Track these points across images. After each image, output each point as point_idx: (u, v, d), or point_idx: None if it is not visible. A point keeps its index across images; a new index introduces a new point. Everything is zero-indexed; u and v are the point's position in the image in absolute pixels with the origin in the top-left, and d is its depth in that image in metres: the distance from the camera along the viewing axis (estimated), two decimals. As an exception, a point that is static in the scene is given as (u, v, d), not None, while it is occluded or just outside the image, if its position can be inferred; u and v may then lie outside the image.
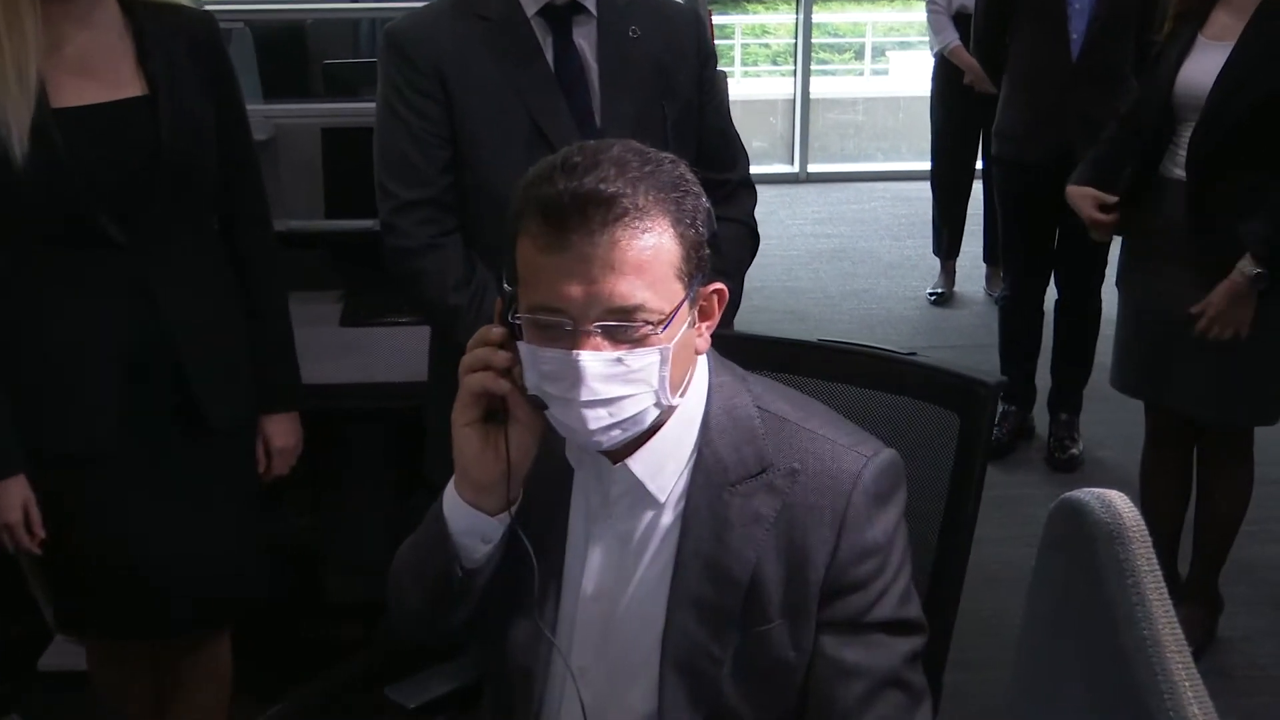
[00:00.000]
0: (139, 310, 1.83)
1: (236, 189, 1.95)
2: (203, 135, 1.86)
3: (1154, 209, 2.64)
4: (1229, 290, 2.50)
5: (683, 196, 1.19)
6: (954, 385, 1.47)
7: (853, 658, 1.25)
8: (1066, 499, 0.84)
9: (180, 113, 1.82)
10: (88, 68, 1.78)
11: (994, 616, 2.46)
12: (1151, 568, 0.78)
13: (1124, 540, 0.79)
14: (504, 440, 1.23)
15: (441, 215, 1.86)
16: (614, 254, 1.14)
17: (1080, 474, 3.69)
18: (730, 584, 1.25)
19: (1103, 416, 3.80)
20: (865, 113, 8.03)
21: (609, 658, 1.30)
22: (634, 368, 1.17)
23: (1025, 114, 3.58)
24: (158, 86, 1.81)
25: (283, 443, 2.04)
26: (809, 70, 7.12)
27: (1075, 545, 0.82)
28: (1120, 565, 0.78)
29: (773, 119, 7.38)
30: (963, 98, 4.61)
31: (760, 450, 1.27)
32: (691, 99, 1.93)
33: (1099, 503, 0.81)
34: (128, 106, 1.80)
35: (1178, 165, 2.58)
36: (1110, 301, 3.03)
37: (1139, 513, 0.81)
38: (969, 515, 1.45)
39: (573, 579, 1.31)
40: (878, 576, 1.26)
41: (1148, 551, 0.79)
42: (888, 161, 7.50)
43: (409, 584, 1.35)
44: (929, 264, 5.32)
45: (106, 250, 1.79)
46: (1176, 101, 2.56)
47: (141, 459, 1.87)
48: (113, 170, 1.77)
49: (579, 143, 1.20)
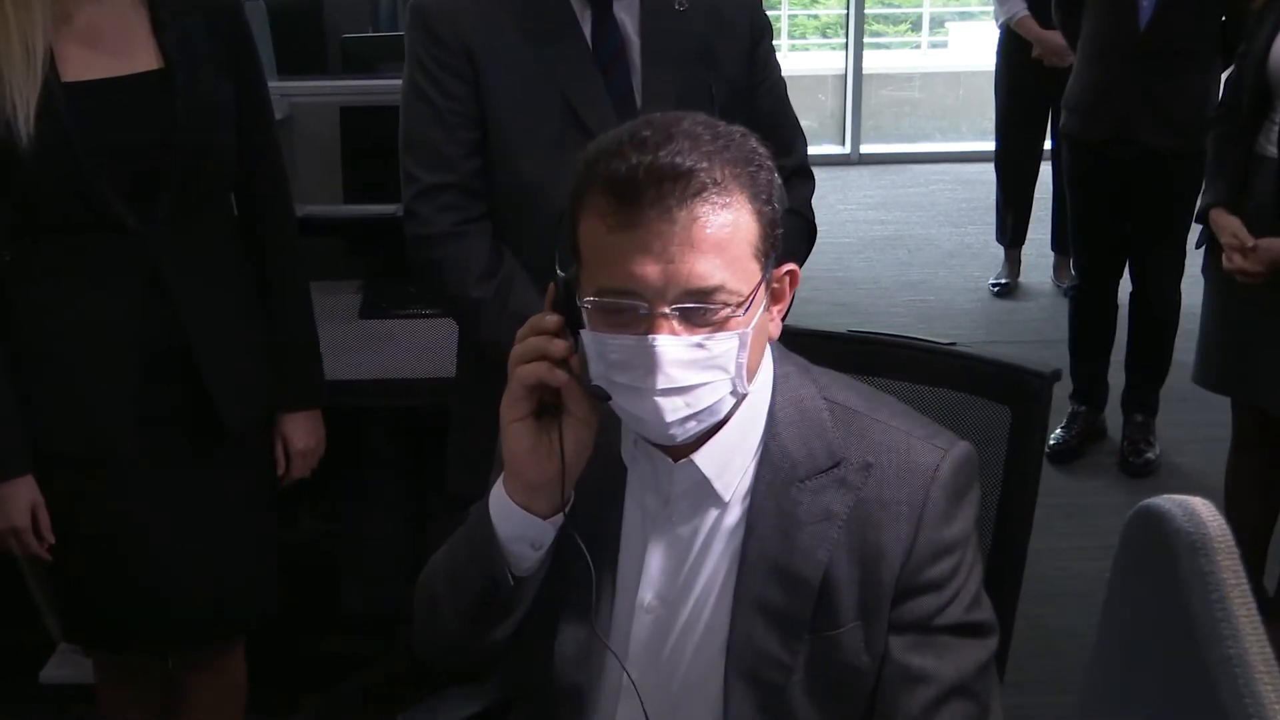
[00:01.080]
0: (151, 300, 1.84)
1: (257, 174, 1.97)
2: (221, 114, 1.87)
3: (1246, 189, 2.64)
4: None
5: (757, 171, 1.20)
6: (1005, 377, 1.47)
7: (920, 663, 1.25)
8: (1145, 506, 0.84)
9: (197, 89, 1.83)
10: (99, 40, 1.80)
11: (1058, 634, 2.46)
12: (1238, 581, 0.78)
13: (1208, 551, 0.78)
14: (558, 437, 1.23)
15: (466, 201, 1.86)
16: (693, 231, 1.14)
17: (1156, 480, 3.66)
18: (800, 587, 1.26)
19: (1181, 418, 3.77)
20: (922, 89, 7.99)
21: (667, 670, 1.31)
22: (713, 353, 1.17)
23: (1089, 87, 3.59)
24: (173, 61, 1.82)
25: (303, 444, 2.05)
26: (861, 43, 7.10)
27: (1154, 557, 0.82)
28: (1204, 578, 0.78)
29: (822, 96, 7.36)
30: (1030, 73, 4.59)
31: (830, 444, 1.28)
32: (742, 78, 1.92)
33: (1181, 510, 0.81)
34: (141, 81, 1.81)
35: (1271, 143, 2.59)
36: (1189, 294, 3.01)
37: (1224, 522, 0.81)
38: (1024, 518, 1.45)
39: (627, 586, 1.31)
40: (953, 577, 1.26)
41: (1234, 564, 0.78)
42: (947, 142, 7.47)
43: (444, 597, 1.34)
44: (992, 252, 5.29)
45: (118, 235, 1.80)
46: (1271, 76, 2.57)
47: (154, 460, 1.88)
48: (124, 148, 1.79)
49: (645, 116, 1.21)
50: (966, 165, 6.63)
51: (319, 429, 2.08)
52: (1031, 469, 1.45)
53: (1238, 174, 2.66)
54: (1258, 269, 2.57)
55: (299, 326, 2.04)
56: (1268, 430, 2.76)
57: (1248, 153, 2.64)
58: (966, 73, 7.74)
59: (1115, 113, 3.48)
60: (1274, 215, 2.56)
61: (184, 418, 1.90)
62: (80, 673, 2.44)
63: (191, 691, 2.14)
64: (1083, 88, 3.62)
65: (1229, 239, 2.63)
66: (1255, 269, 2.58)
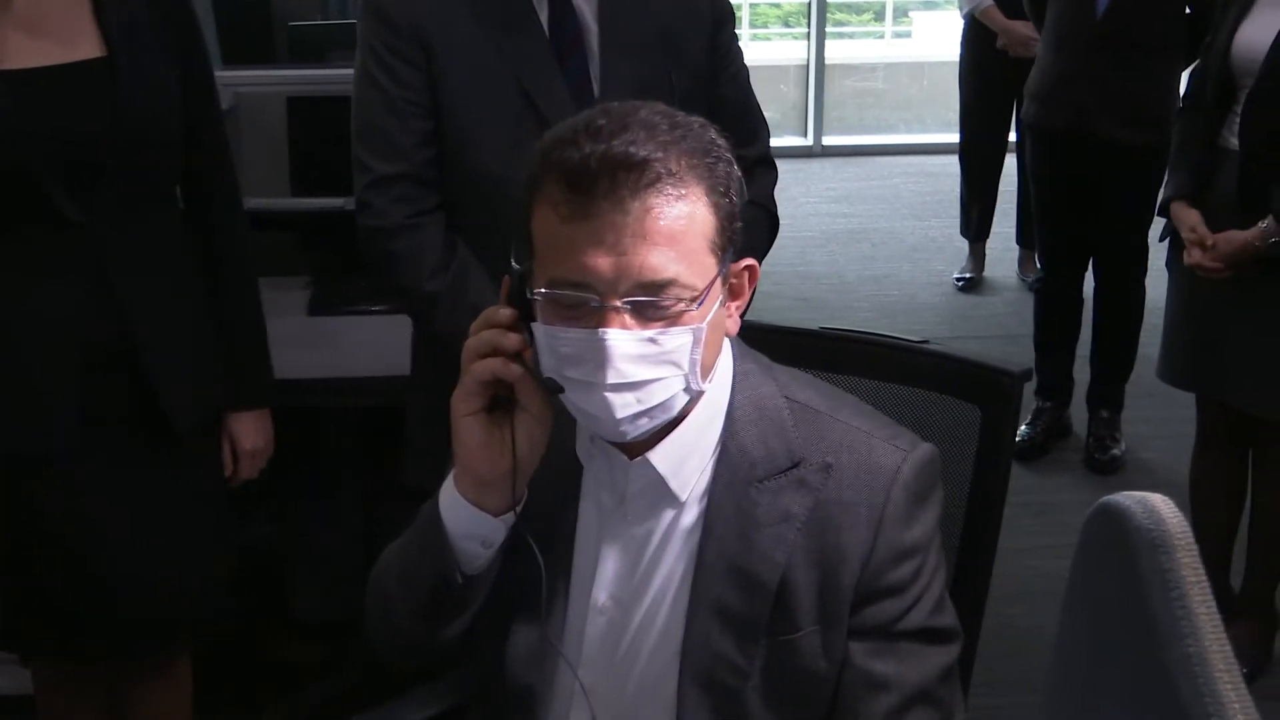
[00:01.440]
0: (95, 294, 1.82)
1: (204, 165, 1.96)
2: (165, 101, 1.86)
3: (1210, 181, 2.66)
4: (1243, 244, 2.53)
5: (715, 163, 1.20)
6: (974, 375, 1.48)
7: (882, 669, 1.26)
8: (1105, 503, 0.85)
9: (140, 77, 1.82)
10: (40, 27, 1.78)
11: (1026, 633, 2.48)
12: (1199, 579, 0.79)
13: (1168, 549, 0.79)
14: (510, 432, 1.24)
15: (420, 192, 1.86)
16: (646, 223, 1.14)
17: (1122, 477, 3.70)
18: (757, 589, 1.26)
19: (1147, 414, 3.81)
20: (886, 79, 8.03)
21: (621, 672, 1.31)
22: (666, 348, 1.17)
23: (1049, 75, 3.63)
24: (116, 48, 1.81)
25: (252, 444, 2.04)
26: (824, 32, 7.12)
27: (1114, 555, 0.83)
28: (1164, 576, 0.79)
29: (784, 86, 7.38)
30: (995, 63, 4.62)
31: (790, 444, 1.28)
32: (704, 66, 1.93)
33: (1140, 507, 0.82)
34: (83, 69, 1.80)
35: (1233, 133, 2.61)
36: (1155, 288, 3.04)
37: (1185, 519, 0.82)
38: (993, 519, 1.46)
39: (582, 586, 1.31)
40: (914, 581, 1.27)
41: (1194, 561, 0.79)
42: (911, 133, 7.50)
43: (395, 594, 1.34)
44: (956, 246, 5.33)
45: (59, 227, 1.79)
46: (1234, 65, 2.59)
47: (99, 460, 1.87)
48: (66, 137, 1.77)
49: (602, 105, 1.20)
50: (931, 157, 6.66)
51: (268, 429, 2.07)
52: (1001, 469, 1.46)
53: (1200, 166, 2.69)
54: (1217, 264, 2.60)
55: (247, 324, 2.03)
56: (1231, 426, 2.80)
57: (1211, 146, 2.67)
58: (931, 63, 7.79)
59: (1073, 102, 3.51)
60: (1236, 208, 2.59)
61: (133, 416, 1.89)
62: (17, 683, 2.40)
63: (138, 702, 2.12)
64: (1043, 75, 3.66)
65: (1188, 234, 2.66)
66: (1215, 264, 2.60)
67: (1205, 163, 2.68)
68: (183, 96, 1.88)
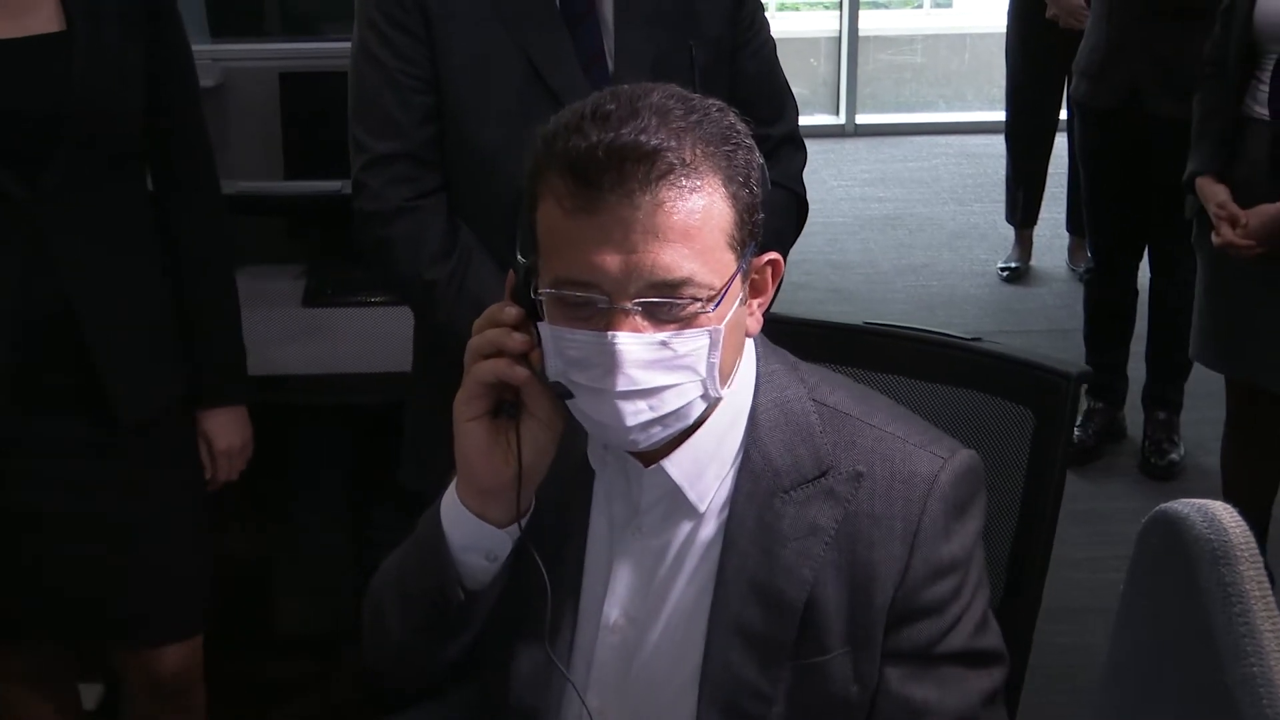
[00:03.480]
0: (36, 273, 1.83)
1: (173, 144, 1.97)
2: (125, 76, 1.87)
3: (1236, 152, 2.68)
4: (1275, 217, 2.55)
5: (734, 150, 1.19)
6: (1027, 376, 1.47)
7: (921, 695, 1.26)
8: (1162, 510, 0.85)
9: (98, 51, 1.83)
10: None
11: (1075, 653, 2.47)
12: (1263, 593, 0.79)
13: (1230, 560, 0.79)
14: (515, 438, 1.24)
15: (420, 173, 1.86)
16: (658, 218, 1.14)
17: (1180, 483, 3.68)
18: (782, 608, 1.25)
19: (1208, 415, 3.78)
20: (925, 53, 8.00)
21: (634, 696, 1.31)
22: (680, 352, 1.17)
23: (1098, 48, 3.61)
24: (75, 21, 1.82)
25: (226, 444, 2.04)
26: (857, 2, 7.10)
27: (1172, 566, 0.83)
28: (1225, 590, 0.79)
29: (814, 60, 7.37)
30: (1044, 35, 4.59)
31: (818, 451, 1.27)
32: (726, 38, 1.92)
33: (1200, 516, 0.81)
34: (36, 43, 1.81)
35: (1259, 103, 2.64)
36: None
37: (1248, 528, 0.81)
38: (1046, 531, 1.45)
39: (592, 603, 1.31)
40: (954, 600, 1.26)
41: (1259, 574, 0.79)
42: (951, 111, 7.48)
43: (392, 609, 1.34)
44: (1000, 233, 5.32)
45: (1, 204, 1.80)
46: (1259, 30, 2.61)
47: (44, 447, 1.88)
48: (12, 113, 1.79)
49: (613, 88, 1.20)
50: (973, 137, 6.64)
51: (244, 427, 2.07)
52: (1056, 477, 1.45)
53: (1225, 138, 2.70)
54: (1249, 242, 2.60)
55: (218, 313, 2.03)
56: (1263, 407, 2.81)
57: (1235, 115, 2.68)
58: (974, 34, 7.76)
59: (1124, 78, 3.49)
60: (1268, 180, 2.60)
61: (80, 403, 1.89)
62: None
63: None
64: (1093, 49, 3.64)
65: (1217, 210, 2.67)
66: (1247, 242, 2.60)
67: (1231, 134, 2.69)
68: (147, 74, 1.89)
